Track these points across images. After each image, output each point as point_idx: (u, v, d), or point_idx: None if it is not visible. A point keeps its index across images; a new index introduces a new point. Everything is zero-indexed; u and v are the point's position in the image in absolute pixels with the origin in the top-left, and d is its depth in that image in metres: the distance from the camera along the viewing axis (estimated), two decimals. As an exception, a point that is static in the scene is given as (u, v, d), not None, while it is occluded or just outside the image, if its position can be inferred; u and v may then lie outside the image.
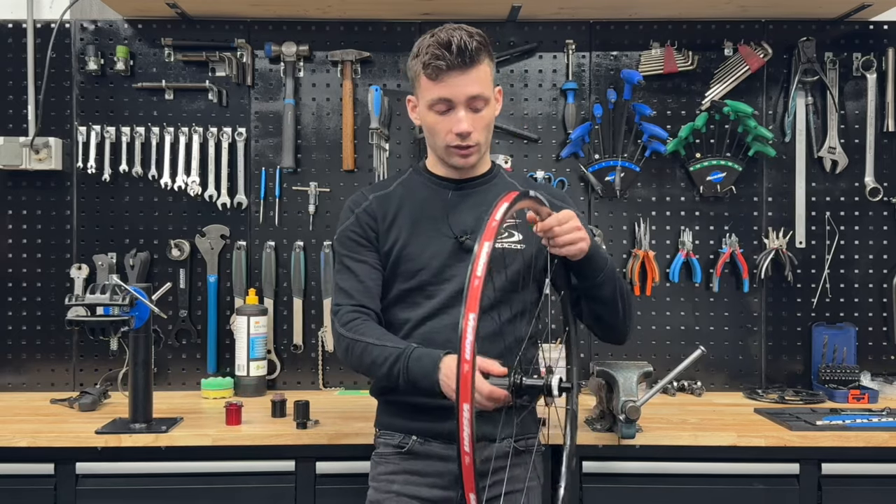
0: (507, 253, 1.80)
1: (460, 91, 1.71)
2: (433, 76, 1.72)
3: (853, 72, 2.70)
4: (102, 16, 2.65)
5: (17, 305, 2.66)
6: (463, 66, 1.70)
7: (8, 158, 2.56)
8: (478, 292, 1.27)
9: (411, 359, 1.64)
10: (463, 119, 1.73)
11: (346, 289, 1.80)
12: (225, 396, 2.52)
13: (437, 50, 1.69)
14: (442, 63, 1.69)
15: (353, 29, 2.68)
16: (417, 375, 1.62)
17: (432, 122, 1.77)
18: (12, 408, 2.42)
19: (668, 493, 2.09)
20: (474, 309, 1.26)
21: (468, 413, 1.24)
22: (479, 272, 1.29)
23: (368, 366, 1.72)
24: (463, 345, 1.25)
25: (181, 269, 2.67)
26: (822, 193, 2.71)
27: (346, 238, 1.85)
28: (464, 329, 1.25)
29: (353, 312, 1.77)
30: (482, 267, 1.30)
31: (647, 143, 2.66)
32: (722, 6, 2.55)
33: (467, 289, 1.28)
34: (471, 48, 1.69)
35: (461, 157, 1.78)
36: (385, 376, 1.69)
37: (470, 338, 1.25)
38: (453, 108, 1.73)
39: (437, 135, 1.78)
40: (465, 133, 1.74)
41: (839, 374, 2.59)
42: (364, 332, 1.74)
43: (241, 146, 2.67)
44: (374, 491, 1.80)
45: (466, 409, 1.23)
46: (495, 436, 1.80)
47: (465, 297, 1.27)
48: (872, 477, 2.11)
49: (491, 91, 1.77)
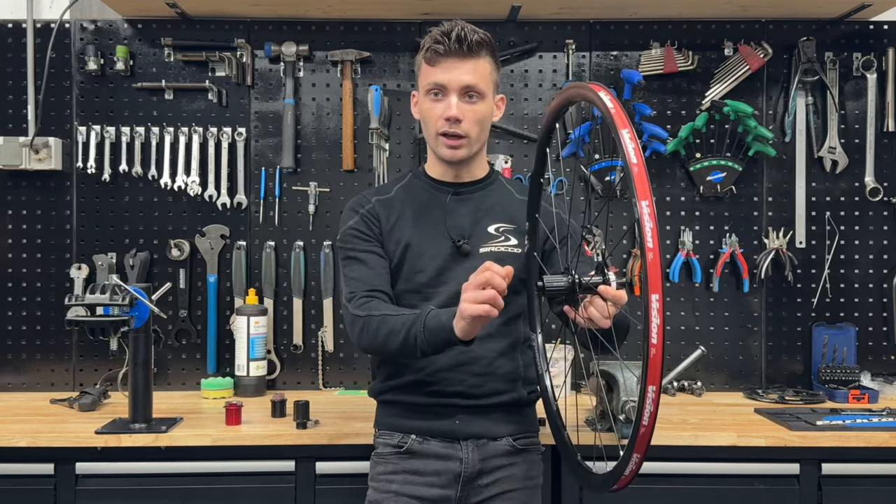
0: (504, 257, 1.80)
1: (455, 77, 1.73)
2: (431, 61, 1.75)
3: (853, 72, 2.70)
4: (102, 16, 2.65)
5: (17, 305, 2.66)
6: (460, 53, 1.73)
7: (8, 158, 2.56)
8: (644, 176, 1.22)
9: (429, 316, 1.60)
10: (454, 105, 1.74)
11: (357, 277, 1.79)
12: (225, 396, 2.52)
13: (439, 36, 1.74)
14: (440, 47, 1.73)
15: (353, 29, 2.68)
16: (434, 328, 1.58)
17: (426, 107, 1.79)
18: (12, 408, 2.42)
19: (668, 493, 2.09)
20: (646, 196, 1.20)
21: (658, 303, 1.17)
22: (633, 158, 1.23)
23: (385, 336, 1.66)
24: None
25: (181, 269, 2.67)
26: (822, 193, 2.71)
27: (350, 235, 1.84)
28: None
29: (366, 296, 1.75)
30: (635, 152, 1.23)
31: (648, 143, 2.66)
32: (722, 6, 2.55)
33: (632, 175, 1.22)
34: (470, 39, 1.72)
35: (448, 147, 1.78)
36: (402, 343, 1.63)
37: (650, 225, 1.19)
38: (446, 94, 1.75)
39: (429, 121, 1.79)
40: (454, 118, 1.74)
41: (839, 374, 2.59)
42: (379, 307, 1.71)
43: (241, 146, 2.67)
44: (374, 491, 1.80)
45: (656, 300, 1.17)
46: (495, 434, 1.81)
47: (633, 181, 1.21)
48: (872, 477, 2.11)
49: (488, 87, 1.78)
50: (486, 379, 1.78)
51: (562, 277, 1.47)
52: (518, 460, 1.82)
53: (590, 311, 1.50)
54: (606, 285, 1.43)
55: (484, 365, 1.78)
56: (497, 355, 1.79)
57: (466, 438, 1.78)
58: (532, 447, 1.86)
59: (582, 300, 1.50)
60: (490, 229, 1.83)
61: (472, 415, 1.78)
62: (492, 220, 1.84)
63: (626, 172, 1.22)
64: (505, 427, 1.81)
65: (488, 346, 1.78)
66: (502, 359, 1.80)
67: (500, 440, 1.80)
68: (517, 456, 1.82)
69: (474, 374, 1.77)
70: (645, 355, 1.19)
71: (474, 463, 1.77)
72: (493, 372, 1.79)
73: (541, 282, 1.48)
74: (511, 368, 1.81)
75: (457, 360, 1.76)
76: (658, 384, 1.19)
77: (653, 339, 1.18)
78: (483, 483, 1.78)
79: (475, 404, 1.78)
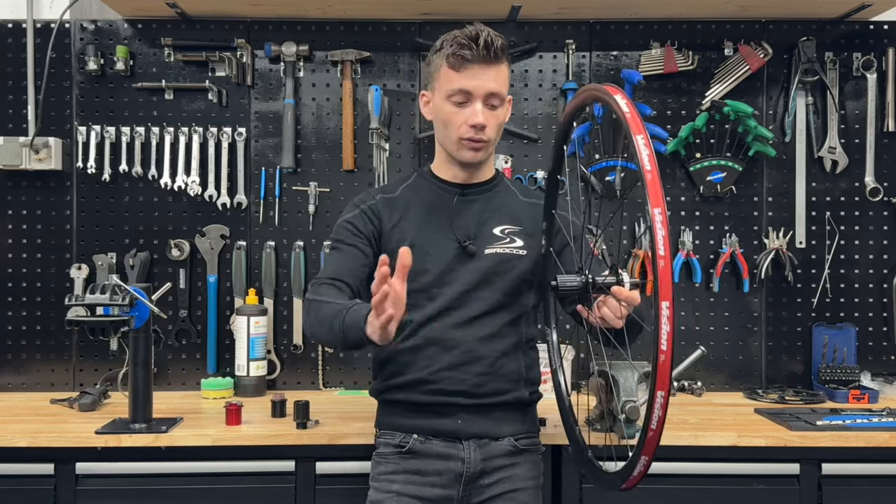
0: (509, 258, 1.81)
1: (481, 84, 1.73)
2: (456, 66, 1.73)
3: (853, 72, 2.70)
4: (102, 16, 2.65)
5: (17, 305, 2.66)
6: (487, 60, 1.72)
7: (8, 158, 2.56)
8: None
9: (352, 310, 1.58)
10: (479, 112, 1.74)
11: (329, 265, 1.82)
12: (225, 396, 2.52)
13: (465, 41, 1.72)
14: (468, 53, 1.71)
15: (353, 29, 2.68)
16: (351, 324, 1.56)
17: (448, 112, 1.77)
18: (12, 408, 2.41)
19: (668, 493, 2.09)
20: (659, 204, 1.23)
21: (668, 310, 1.19)
22: (647, 165, 1.27)
23: (318, 323, 1.67)
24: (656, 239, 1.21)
25: (181, 269, 2.67)
26: (822, 193, 2.71)
27: (342, 228, 1.86)
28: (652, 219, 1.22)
29: (326, 283, 1.76)
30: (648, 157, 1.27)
31: (648, 143, 2.65)
32: (722, 6, 2.55)
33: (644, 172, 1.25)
34: (496, 45, 1.72)
35: (472, 150, 1.78)
36: (328, 332, 1.64)
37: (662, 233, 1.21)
38: (471, 100, 1.75)
39: (451, 126, 1.78)
40: (481, 126, 1.75)
41: (839, 374, 2.59)
42: (326, 293, 1.72)
43: (241, 146, 2.67)
44: (375, 491, 1.80)
45: (666, 307, 1.19)
46: (497, 434, 1.81)
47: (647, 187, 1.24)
48: (872, 477, 2.11)
49: (507, 93, 1.79)
50: (489, 378, 1.78)
51: (575, 277, 1.49)
52: (520, 460, 1.82)
53: (603, 311, 1.52)
54: (620, 286, 1.44)
55: (486, 365, 1.78)
56: (500, 355, 1.79)
57: (468, 438, 1.78)
58: (533, 447, 1.86)
59: (595, 300, 1.51)
60: (496, 231, 1.84)
61: (474, 414, 1.78)
62: (497, 221, 1.85)
63: (640, 178, 1.25)
64: (507, 427, 1.82)
65: (492, 345, 1.78)
66: (505, 359, 1.80)
67: (502, 440, 1.80)
68: (519, 456, 1.82)
69: (476, 373, 1.77)
70: (654, 361, 1.20)
71: (476, 463, 1.77)
72: (495, 372, 1.79)
73: (554, 281, 1.49)
74: (514, 368, 1.81)
75: (459, 360, 1.77)
76: (667, 389, 1.21)
77: (662, 346, 1.20)
78: (485, 483, 1.78)
79: (477, 403, 1.78)
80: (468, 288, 1.79)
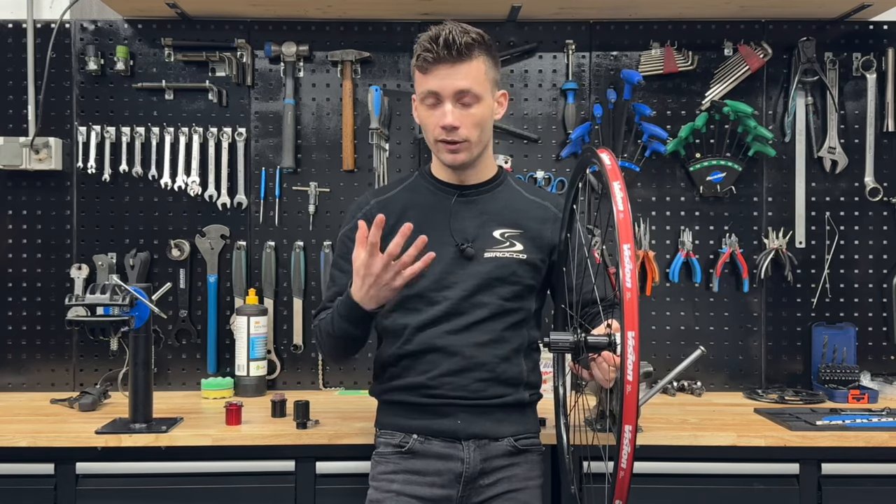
0: (509, 262, 1.80)
1: (447, 84, 1.72)
2: (423, 69, 1.74)
3: (853, 72, 2.70)
4: (102, 16, 2.65)
5: (17, 305, 2.66)
6: (450, 59, 1.70)
7: (8, 158, 2.56)
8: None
9: (337, 303, 1.71)
10: (449, 113, 1.72)
11: (331, 285, 1.88)
12: (225, 396, 2.52)
13: (427, 43, 1.71)
14: (429, 55, 1.71)
15: (353, 29, 2.68)
16: (342, 310, 1.68)
17: (423, 115, 1.79)
18: (12, 408, 2.41)
19: (668, 493, 2.09)
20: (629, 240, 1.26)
21: (633, 340, 1.19)
22: (620, 206, 1.30)
23: (325, 339, 1.79)
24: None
25: (181, 269, 2.67)
26: (822, 193, 2.71)
27: (341, 243, 1.90)
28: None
29: (328, 307, 1.83)
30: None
31: (647, 143, 2.66)
32: (722, 6, 2.55)
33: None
34: (460, 42, 1.69)
35: (449, 152, 1.78)
36: (332, 336, 1.74)
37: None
38: (441, 101, 1.74)
39: (427, 129, 1.79)
40: (450, 126, 1.73)
41: (839, 374, 2.59)
42: (326, 317, 1.81)
43: (241, 146, 2.67)
44: (374, 490, 1.80)
45: (632, 337, 1.18)
46: (497, 434, 1.80)
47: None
48: (872, 477, 2.10)
49: (485, 89, 1.75)
50: (489, 384, 1.78)
51: (568, 336, 1.47)
52: (519, 460, 1.82)
53: (594, 371, 1.54)
54: (611, 349, 1.43)
55: (487, 371, 1.77)
56: (501, 361, 1.79)
57: (468, 438, 1.78)
58: (533, 447, 1.86)
59: (587, 357, 1.51)
60: (496, 234, 1.82)
61: (474, 415, 1.78)
62: (498, 224, 1.83)
63: (612, 217, 1.28)
64: (506, 427, 1.81)
65: (493, 351, 1.78)
66: (506, 364, 1.79)
67: (502, 440, 1.80)
68: (518, 456, 1.82)
69: (477, 379, 1.77)
70: (620, 394, 1.16)
71: (476, 463, 1.77)
72: (496, 378, 1.78)
73: (548, 338, 1.49)
74: (515, 373, 1.81)
75: (459, 366, 1.76)
76: (635, 423, 1.16)
77: (628, 377, 1.17)
78: (484, 483, 1.78)
79: (477, 404, 1.78)
80: (468, 293, 1.77)
